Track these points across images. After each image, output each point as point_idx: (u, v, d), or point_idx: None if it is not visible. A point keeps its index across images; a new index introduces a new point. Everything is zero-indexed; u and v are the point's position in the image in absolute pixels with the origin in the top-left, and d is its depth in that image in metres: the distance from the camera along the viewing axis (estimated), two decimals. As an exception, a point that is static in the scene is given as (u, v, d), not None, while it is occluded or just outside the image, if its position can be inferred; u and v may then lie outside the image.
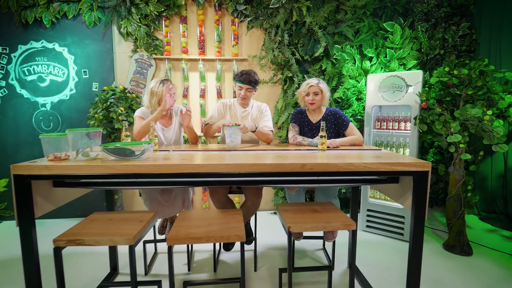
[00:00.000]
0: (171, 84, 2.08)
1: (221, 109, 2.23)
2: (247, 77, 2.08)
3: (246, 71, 2.11)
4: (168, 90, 2.01)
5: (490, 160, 3.04)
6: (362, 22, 3.18)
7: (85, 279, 1.98)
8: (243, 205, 2.05)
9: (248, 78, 2.08)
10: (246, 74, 2.08)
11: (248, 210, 2.01)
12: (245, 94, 2.13)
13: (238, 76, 2.11)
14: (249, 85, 2.10)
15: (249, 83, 2.10)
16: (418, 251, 1.40)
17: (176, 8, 3.03)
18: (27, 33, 2.98)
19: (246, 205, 2.02)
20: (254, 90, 2.17)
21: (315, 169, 1.32)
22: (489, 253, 2.37)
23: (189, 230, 1.36)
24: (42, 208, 1.41)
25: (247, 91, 2.13)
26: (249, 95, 2.17)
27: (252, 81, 2.10)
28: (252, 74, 2.11)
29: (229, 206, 2.02)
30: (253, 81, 2.11)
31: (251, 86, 2.11)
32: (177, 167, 1.30)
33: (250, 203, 1.98)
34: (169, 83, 2.07)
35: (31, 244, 1.29)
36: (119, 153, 1.37)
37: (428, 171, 1.33)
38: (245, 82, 2.09)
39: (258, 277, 2.02)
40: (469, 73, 2.28)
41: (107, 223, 1.41)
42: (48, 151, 1.36)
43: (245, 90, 2.12)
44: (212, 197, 1.99)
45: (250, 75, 2.09)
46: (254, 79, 2.11)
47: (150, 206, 1.99)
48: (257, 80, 2.14)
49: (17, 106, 3.04)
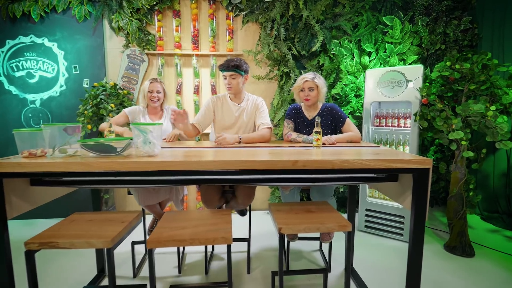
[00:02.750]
0: (156, 82, 2.23)
1: (210, 105, 2.05)
2: (226, 64, 1.89)
3: (228, 59, 1.96)
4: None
5: (493, 158, 2.95)
6: (360, 16, 3.08)
7: (70, 282, 1.90)
8: (234, 202, 1.96)
9: (227, 63, 1.89)
10: (226, 60, 1.93)
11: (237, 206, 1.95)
12: (230, 81, 1.94)
13: (220, 66, 1.95)
14: (231, 70, 1.89)
15: (230, 68, 1.88)
16: (418, 252, 1.32)
17: (169, 1, 2.94)
18: (15, 28, 2.89)
19: (237, 202, 1.93)
20: (240, 76, 1.95)
21: (308, 166, 1.24)
22: (491, 254, 2.29)
23: (172, 232, 1.27)
24: (18, 208, 1.32)
25: (231, 78, 1.93)
26: (235, 83, 1.94)
27: (232, 65, 1.88)
28: (235, 59, 1.92)
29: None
30: (234, 66, 1.88)
31: (233, 71, 1.90)
32: (161, 164, 1.21)
33: (241, 201, 1.89)
34: (155, 81, 2.24)
35: (2, 246, 1.20)
36: (99, 149, 1.29)
37: (429, 168, 1.24)
38: (225, 68, 1.90)
39: (251, 280, 1.93)
40: (472, 67, 2.19)
41: (86, 224, 1.32)
42: (22, 147, 1.27)
43: (229, 78, 1.93)
44: (204, 203, 1.92)
45: (230, 60, 1.91)
46: (235, 64, 1.89)
47: (137, 195, 1.93)
48: (239, 64, 1.90)
49: (5, 103, 2.95)
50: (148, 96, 2.21)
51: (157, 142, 1.30)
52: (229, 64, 1.90)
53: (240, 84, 1.99)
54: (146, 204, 1.94)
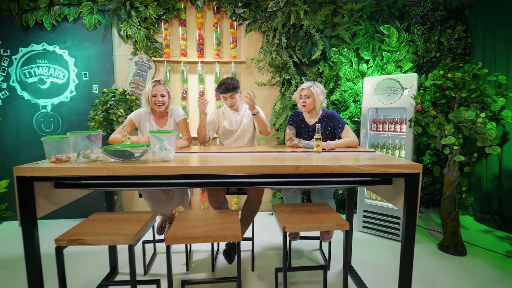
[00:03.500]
0: (159, 84, 2.12)
1: (215, 119, 2.27)
2: (225, 88, 2.13)
3: (222, 81, 2.17)
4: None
5: (486, 162, 3.08)
6: (359, 26, 3.22)
7: (85, 279, 2.02)
8: (246, 202, 2.14)
9: (226, 88, 2.13)
10: (223, 85, 2.14)
11: (250, 206, 2.11)
12: (231, 101, 2.21)
13: (218, 89, 2.17)
14: (230, 92, 2.16)
15: (229, 91, 2.15)
16: (410, 250, 1.44)
17: (175, 11, 3.08)
18: (28, 36, 3.02)
19: (248, 201, 2.12)
20: (238, 93, 2.22)
21: (310, 171, 1.36)
22: (483, 253, 2.41)
23: (187, 230, 1.40)
24: (44, 209, 1.44)
25: (231, 98, 2.19)
26: (234, 101, 2.21)
27: (230, 88, 2.14)
28: (229, 81, 2.15)
29: (225, 206, 2.16)
30: (232, 88, 2.14)
31: (233, 92, 2.17)
32: (175, 169, 1.34)
33: (252, 196, 2.09)
34: (157, 84, 2.12)
35: (33, 244, 1.33)
36: (119, 155, 1.41)
37: (419, 173, 1.37)
38: (225, 92, 2.15)
39: (255, 277, 2.05)
40: (463, 76, 2.33)
41: (107, 223, 1.44)
42: (50, 153, 1.40)
43: (230, 98, 2.19)
44: (210, 197, 2.09)
45: (227, 83, 2.14)
46: (232, 86, 2.15)
47: (151, 203, 2.07)
48: (235, 84, 2.16)
49: (18, 108, 3.07)
50: (153, 101, 2.10)
51: (172, 149, 1.43)
52: (228, 88, 2.14)
53: (238, 100, 2.26)
54: (160, 213, 2.09)
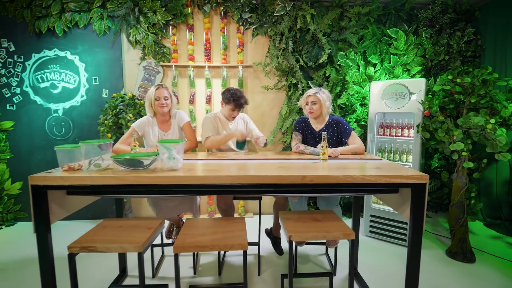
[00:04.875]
0: (162, 88, 2.13)
1: (213, 122, 2.33)
2: (244, 102, 2.28)
3: (240, 94, 2.26)
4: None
5: (496, 167, 3.03)
6: (366, 29, 3.20)
7: (95, 281, 2.07)
8: (275, 204, 2.28)
9: (241, 105, 2.27)
10: (242, 99, 2.25)
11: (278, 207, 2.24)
12: (237, 114, 2.36)
13: (236, 101, 2.24)
14: (242, 107, 2.32)
15: (242, 106, 2.30)
16: (416, 258, 1.44)
17: (183, 16, 3.11)
18: (40, 42, 3.10)
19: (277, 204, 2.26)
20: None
21: (316, 181, 1.38)
22: (492, 260, 2.38)
23: (194, 239, 1.43)
24: (57, 214, 1.49)
25: (238, 111, 2.34)
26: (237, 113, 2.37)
27: (244, 104, 2.29)
28: (244, 97, 2.28)
29: (231, 209, 2.27)
30: (244, 102, 2.29)
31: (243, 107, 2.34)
32: (183, 178, 1.36)
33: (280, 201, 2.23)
34: (160, 87, 2.13)
35: (47, 248, 1.38)
36: (129, 164, 1.45)
37: (426, 184, 1.37)
38: (239, 107, 2.28)
39: (261, 281, 2.08)
40: (472, 81, 2.30)
41: (117, 230, 1.48)
42: (62, 161, 1.44)
43: (237, 111, 2.33)
44: (218, 198, 2.23)
45: (242, 98, 2.27)
46: (246, 102, 2.30)
47: (155, 210, 2.13)
48: (246, 100, 2.31)
49: (31, 112, 3.16)
50: (156, 104, 2.12)
51: (180, 157, 1.46)
52: (242, 104, 2.28)
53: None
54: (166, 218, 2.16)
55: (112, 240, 1.37)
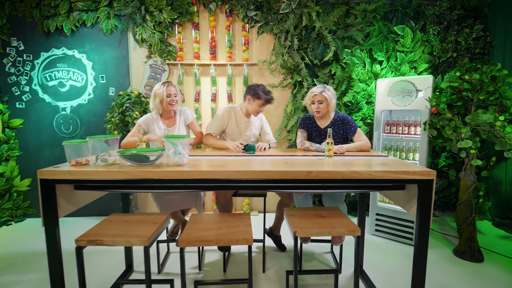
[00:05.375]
0: (171, 85, 2.17)
1: (225, 117, 2.30)
2: (269, 100, 2.24)
3: (267, 90, 2.25)
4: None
5: (505, 165, 2.98)
6: (372, 26, 3.18)
7: (101, 276, 2.09)
8: (280, 204, 2.34)
9: (270, 100, 2.25)
10: (269, 94, 2.24)
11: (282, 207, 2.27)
12: (263, 110, 2.31)
13: (266, 95, 2.22)
14: (270, 103, 2.28)
15: (270, 102, 2.27)
16: (423, 257, 1.42)
17: (188, 15, 3.13)
18: (49, 41, 3.15)
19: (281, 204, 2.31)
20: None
21: (321, 176, 1.37)
22: (501, 260, 2.34)
23: (199, 233, 1.44)
24: (65, 209, 1.52)
25: (264, 108, 2.29)
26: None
27: (272, 101, 2.27)
28: (271, 94, 2.27)
29: (230, 204, 2.32)
30: (272, 101, 2.28)
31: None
32: (188, 173, 1.37)
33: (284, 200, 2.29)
34: (169, 85, 2.17)
35: (55, 242, 1.40)
36: (135, 159, 1.46)
37: (433, 180, 1.35)
38: (268, 103, 2.25)
39: (266, 278, 2.08)
40: (481, 78, 2.26)
41: (123, 225, 1.50)
42: (70, 156, 1.46)
43: (264, 108, 2.28)
44: (219, 194, 2.24)
45: (271, 94, 2.25)
46: (273, 99, 2.29)
47: (159, 205, 2.15)
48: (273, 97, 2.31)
49: (39, 110, 3.21)
50: (168, 101, 2.13)
51: (185, 153, 1.47)
52: (270, 99, 2.25)
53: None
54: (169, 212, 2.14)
55: (119, 234, 1.38)
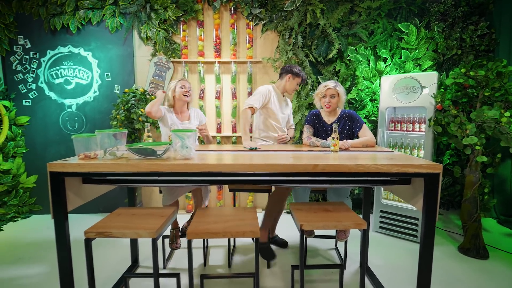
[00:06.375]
0: (185, 81, 2.30)
1: (267, 93, 2.33)
2: (305, 79, 2.39)
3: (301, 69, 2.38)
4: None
5: (510, 162, 2.97)
6: (376, 24, 3.18)
7: (108, 271, 2.11)
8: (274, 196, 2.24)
9: (305, 80, 2.39)
10: (304, 74, 2.38)
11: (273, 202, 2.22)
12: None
13: (302, 75, 2.35)
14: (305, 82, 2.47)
15: (306, 82, 2.43)
16: (429, 251, 1.43)
17: (193, 13, 3.15)
18: (55, 39, 3.18)
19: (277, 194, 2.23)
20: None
21: (327, 169, 1.38)
22: (506, 257, 2.34)
23: (207, 226, 1.45)
24: (73, 202, 1.53)
25: (331, 98, 2.17)
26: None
27: (306, 80, 2.43)
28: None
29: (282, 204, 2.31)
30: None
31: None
32: (196, 166, 1.39)
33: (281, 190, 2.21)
34: (184, 79, 2.33)
35: (64, 234, 1.42)
36: (143, 152, 1.48)
37: (439, 173, 1.36)
38: (305, 82, 2.40)
39: (271, 274, 2.09)
40: (487, 74, 2.26)
41: (131, 218, 1.52)
42: (79, 150, 1.48)
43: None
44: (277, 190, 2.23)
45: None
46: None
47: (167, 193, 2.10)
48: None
49: (45, 108, 3.24)
50: (181, 92, 2.24)
51: (192, 147, 1.48)
52: (306, 79, 2.43)
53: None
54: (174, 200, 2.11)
55: (127, 226, 1.40)
